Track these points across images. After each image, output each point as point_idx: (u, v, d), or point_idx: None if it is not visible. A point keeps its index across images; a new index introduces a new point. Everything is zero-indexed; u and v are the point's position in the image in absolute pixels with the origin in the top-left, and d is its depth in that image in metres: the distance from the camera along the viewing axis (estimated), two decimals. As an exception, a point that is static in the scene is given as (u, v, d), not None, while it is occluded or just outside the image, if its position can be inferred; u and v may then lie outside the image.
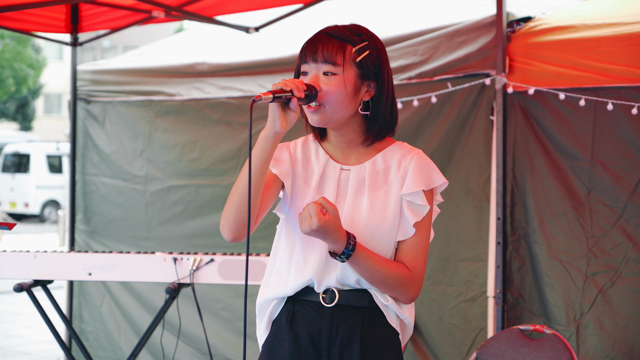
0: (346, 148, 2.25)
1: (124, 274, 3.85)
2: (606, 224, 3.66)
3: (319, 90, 2.13)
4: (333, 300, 2.17)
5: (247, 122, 4.91)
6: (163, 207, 5.30)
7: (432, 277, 4.24)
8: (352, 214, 2.17)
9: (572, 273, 3.72)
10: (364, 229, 2.15)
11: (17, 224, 3.24)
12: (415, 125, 4.28)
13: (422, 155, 2.22)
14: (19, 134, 26.34)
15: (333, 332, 2.17)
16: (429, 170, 2.21)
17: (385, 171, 2.21)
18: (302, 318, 2.20)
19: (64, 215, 14.64)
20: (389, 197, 2.18)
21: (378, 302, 2.18)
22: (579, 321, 3.68)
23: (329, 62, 2.13)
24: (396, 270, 2.15)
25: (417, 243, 2.19)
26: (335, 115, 2.16)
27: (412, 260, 2.18)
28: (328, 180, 2.23)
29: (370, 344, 2.17)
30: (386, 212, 2.17)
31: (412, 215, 2.18)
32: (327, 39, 2.16)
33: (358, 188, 2.20)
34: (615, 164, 3.65)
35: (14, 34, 23.33)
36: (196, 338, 5.15)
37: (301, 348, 2.19)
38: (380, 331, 2.18)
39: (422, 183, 2.18)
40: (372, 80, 2.18)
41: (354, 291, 2.18)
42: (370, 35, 2.21)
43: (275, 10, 5.27)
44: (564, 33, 3.82)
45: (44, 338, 7.42)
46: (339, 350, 2.16)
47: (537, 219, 3.83)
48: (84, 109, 5.67)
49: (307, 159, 2.28)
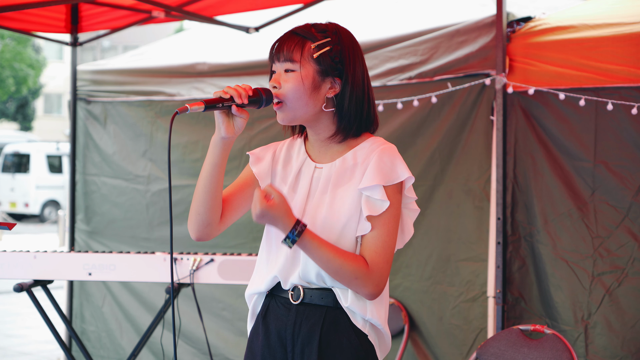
0: (322, 146, 2.26)
1: (124, 274, 3.84)
2: (611, 224, 3.66)
3: (278, 87, 2.16)
4: (299, 298, 2.20)
5: (249, 122, 4.90)
6: (164, 207, 5.30)
7: (433, 277, 4.24)
8: (315, 212, 2.19)
9: (579, 273, 3.72)
10: (322, 227, 2.16)
11: (17, 224, 3.24)
12: (415, 125, 4.28)
13: (387, 150, 2.19)
14: (19, 134, 26.34)
15: (297, 329, 2.20)
16: (391, 165, 2.17)
17: (353, 168, 2.20)
18: (273, 314, 2.24)
19: (64, 215, 14.65)
20: (349, 192, 2.17)
21: (341, 302, 2.17)
22: (587, 321, 3.68)
23: (288, 59, 2.17)
24: (352, 262, 2.11)
25: (376, 237, 2.14)
26: (298, 112, 2.18)
27: (371, 254, 2.14)
28: (302, 178, 2.26)
29: (329, 343, 2.17)
30: (344, 208, 2.16)
31: (367, 209, 2.14)
32: (290, 37, 2.19)
33: (325, 186, 2.22)
34: (618, 164, 3.65)
35: (14, 34, 23.33)
36: (197, 338, 5.15)
37: (271, 343, 2.23)
38: (342, 332, 2.17)
39: (380, 178, 2.13)
40: (336, 76, 2.18)
41: (319, 290, 2.19)
42: (337, 32, 2.20)
43: (275, 10, 5.27)
44: (564, 33, 3.82)
45: (44, 338, 7.41)
46: (301, 348, 2.19)
47: (542, 219, 3.82)
48: (85, 109, 5.66)
49: (289, 158, 2.31)
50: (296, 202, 2.23)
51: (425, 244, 4.26)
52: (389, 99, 4.28)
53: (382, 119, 4.36)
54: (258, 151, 2.36)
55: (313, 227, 2.16)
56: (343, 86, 2.19)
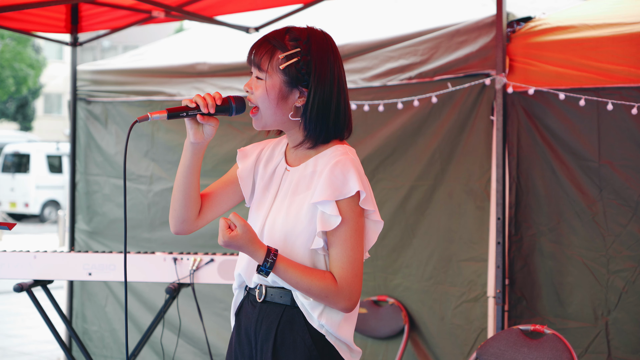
0: (295, 149, 2.28)
1: (124, 274, 3.84)
2: (621, 223, 3.67)
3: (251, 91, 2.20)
4: (262, 296, 2.25)
5: (249, 122, 4.90)
6: (166, 207, 5.30)
7: (434, 277, 4.24)
8: (275, 216, 2.22)
9: (595, 271, 3.73)
10: (279, 232, 2.19)
11: (17, 224, 3.24)
12: (415, 126, 4.28)
13: (340, 163, 2.15)
14: (19, 134, 26.34)
15: (258, 326, 2.25)
16: (343, 179, 2.14)
17: (312, 175, 2.21)
18: (244, 311, 2.32)
19: (64, 215, 14.65)
20: (304, 202, 2.18)
21: (298, 302, 2.21)
22: (607, 318, 3.69)
23: (257, 67, 2.20)
24: (320, 281, 2.13)
25: (340, 254, 2.14)
26: (268, 120, 2.22)
27: (338, 271, 2.14)
28: (275, 180, 2.30)
29: (283, 341, 2.20)
30: (299, 218, 2.17)
31: (320, 224, 2.14)
32: (262, 43, 2.20)
33: (287, 190, 2.24)
34: (623, 164, 3.66)
35: (14, 34, 23.33)
36: (197, 338, 5.15)
37: (241, 339, 2.30)
38: (296, 330, 2.19)
39: (330, 192, 2.12)
40: (304, 87, 2.18)
41: (279, 289, 2.23)
42: (309, 41, 2.18)
43: (275, 10, 5.26)
44: (564, 33, 3.82)
45: (44, 338, 7.42)
46: (261, 344, 2.23)
47: (554, 218, 3.83)
48: (85, 109, 5.66)
49: (271, 157, 2.34)
50: (265, 204, 2.28)
51: (426, 244, 4.26)
52: (389, 99, 4.28)
53: (382, 119, 4.37)
54: (248, 148, 2.40)
55: (271, 231, 2.20)
56: (308, 96, 2.18)
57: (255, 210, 2.31)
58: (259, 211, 2.29)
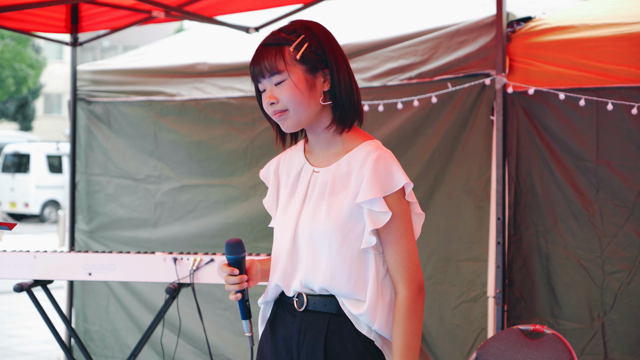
0: (321, 149, 2.24)
1: (124, 274, 3.84)
2: (617, 223, 3.67)
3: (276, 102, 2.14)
4: (302, 305, 2.19)
5: (249, 123, 4.93)
6: (172, 207, 5.29)
7: (434, 277, 4.24)
8: (312, 218, 2.16)
9: (591, 272, 3.73)
10: (322, 234, 2.13)
11: (17, 224, 3.24)
12: (415, 126, 4.28)
13: (381, 158, 2.13)
14: (19, 134, 26.34)
15: (301, 337, 2.18)
16: (387, 174, 2.13)
17: (348, 174, 2.17)
18: (280, 320, 2.24)
19: (64, 215, 14.64)
20: (345, 202, 2.14)
21: (345, 309, 2.15)
22: (603, 319, 3.69)
23: (274, 72, 2.13)
24: (410, 325, 2.13)
25: (399, 252, 2.13)
26: (302, 116, 2.15)
27: (402, 271, 2.13)
28: (301, 182, 2.24)
29: (334, 351, 2.15)
30: (341, 218, 2.13)
31: (370, 222, 2.11)
32: (265, 50, 2.16)
33: (321, 191, 2.19)
34: (621, 164, 3.66)
35: (14, 34, 23.33)
36: (197, 338, 5.15)
37: (278, 350, 2.22)
38: (346, 338, 2.15)
39: (378, 189, 2.10)
40: (324, 68, 2.16)
41: (322, 297, 2.17)
42: (307, 27, 2.18)
43: (275, 10, 5.26)
44: (564, 33, 3.82)
45: (44, 338, 7.41)
46: (306, 355, 2.17)
47: (552, 219, 3.83)
48: (86, 109, 5.66)
49: (291, 164, 2.29)
50: (293, 207, 2.21)
51: (426, 244, 4.26)
52: (389, 99, 4.28)
53: (382, 119, 4.37)
54: (265, 173, 2.37)
55: (310, 234, 2.15)
56: (332, 75, 2.16)
57: (281, 216, 2.25)
58: (286, 216, 2.22)
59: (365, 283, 2.14)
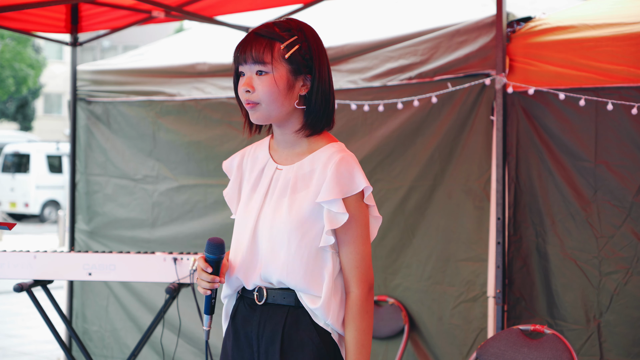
0: (286, 147, 2.28)
1: (124, 274, 3.84)
2: (615, 224, 3.67)
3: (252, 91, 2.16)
4: (262, 298, 2.24)
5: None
6: (169, 207, 5.29)
7: (433, 277, 4.24)
8: (273, 214, 2.21)
9: (588, 273, 3.73)
10: (281, 230, 2.18)
11: (17, 224, 3.24)
12: (415, 126, 4.28)
13: (344, 160, 2.18)
14: (19, 134, 26.35)
15: (261, 329, 2.23)
16: (349, 176, 2.18)
17: (310, 174, 2.21)
18: (241, 314, 2.29)
19: (64, 215, 14.65)
20: (306, 200, 2.19)
21: (303, 302, 2.20)
22: (599, 320, 3.69)
23: (259, 61, 2.17)
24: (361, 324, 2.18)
25: (353, 253, 2.20)
26: (273, 112, 2.19)
27: (353, 271, 2.19)
28: (263, 178, 2.29)
29: (291, 342, 2.20)
30: (302, 216, 2.18)
31: (328, 222, 2.17)
32: (255, 39, 2.19)
33: (283, 189, 2.23)
34: (619, 164, 3.65)
35: (14, 34, 23.34)
36: (197, 338, 5.15)
37: (239, 344, 2.27)
38: (303, 330, 2.20)
39: (338, 191, 2.15)
40: (307, 73, 2.20)
41: (281, 290, 2.22)
42: (301, 29, 2.21)
43: (275, 10, 5.26)
44: (564, 33, 3.82)
45: (44, 338, 7.42)
46: (265, 347, 2.22)
47: (549, 220, 3.83)
48: (86, 109, 5.66)
49: (255, 159, 2.34)
50: (255, 202, 2.27)
51: (425, 244, 4.26)
52: (389, 99, 4.28)
53: (382, 119, 4.37)
54: (228, 165, 2.43)
55: (270, 229, 2.19)
56: (312, 82, 2.20)
57: (242, 210, 2.30)
58: (247, 211, 2.28)
59: (321, 279, 2.20)
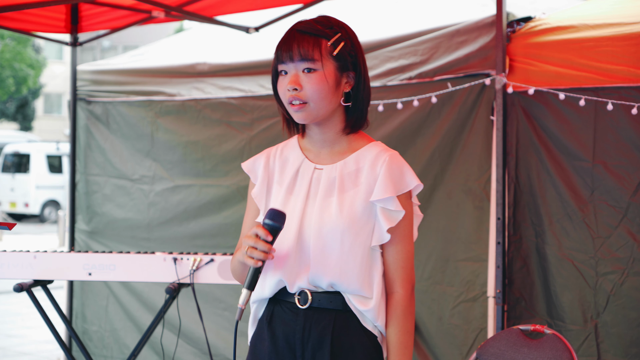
0: (323, 146, 2.24)
1: (124, 274, 3.84)
2: (611, 224, 3.67)
3: (300, 89, 2.12)
4: (306, 302, 2.18)
5: (247, 123, 4.93)
6: (166, 207, 5.29)
7: (433, 277, 4.24)
8: (322, 215, 2.16)
9: (585, 273, 3.73)
10: (333, 230, 2.13)
11: (17, 224, 3.24)
12: (415, 126, 4.28)
13: (395, 158, 2.19)
14: (19, 134, 26.35)
15: (306, 334, 2.17)
16: (401, 174, 2.18)
17: (357, 172, 2.19)
18: (279, 318, 2.21)
19: (64, 215, 14.65)
20: (357, 199, 2.16)
21: (351, 305, 2.17)
22: (596, 320, 3.69)
23: (307, 59, 2.13)
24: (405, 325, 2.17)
25: (401, 252, 2.18)
26: (321, 111, 2.16)
27: (399, 271, 2.18)
28: (301, 180, 2.23)
29: (341, 346, 2.16)
30: (354, 215, 2.14)
31: (386, 221, 2.15)
32: (300, 36, 2.16)
33: (328, 189, 2.19)
34: (617, 164, 3.65)
35: (14, 34, 23.33)
36: (197, 338, 5.15)
37: (278, 348, 2.20)
38: (353, 334, 2.17)
39: (393, 189, 2.15)
40: (351, 70, 2.19)
41: (327, 293, 2.17)
42: (342, 26, 2.21)
43: (275, 10, 5.26)
44: (564, 33, 3.82)
45: (44, 338, 7.42)
46: (312, 352, 2.17)
47: (547, 220, 3.83)
48: (86, 109, 5.66)
49: (285, 160, 2.28)
50: (295, 204, 2.19)
51: (425, 244, 4.26)
52: (389, 99, 4.28)
53: (382, 119, 4.37)
54: (251, 165, 2.31)
55: (319, 230, 2.14)
56: (357, 79, 2.19)
57: None
58: (287, 213, 2.17)
59: (371, 280, 2.17)
